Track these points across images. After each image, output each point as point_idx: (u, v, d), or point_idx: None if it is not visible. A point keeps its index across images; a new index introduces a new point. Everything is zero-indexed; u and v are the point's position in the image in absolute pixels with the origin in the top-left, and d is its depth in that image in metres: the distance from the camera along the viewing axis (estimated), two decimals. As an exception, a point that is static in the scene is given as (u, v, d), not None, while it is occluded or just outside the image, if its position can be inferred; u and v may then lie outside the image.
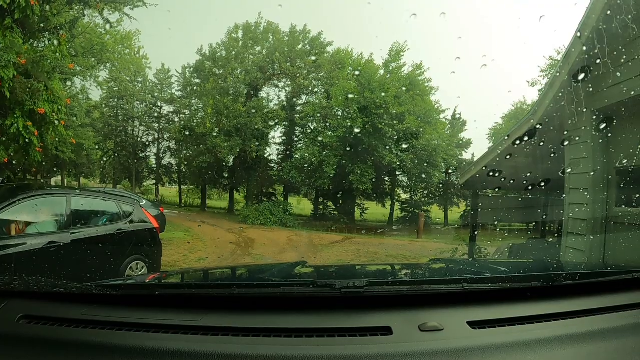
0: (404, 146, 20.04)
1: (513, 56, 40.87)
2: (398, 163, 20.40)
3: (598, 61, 4.42)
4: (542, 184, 5.15)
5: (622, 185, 4.85)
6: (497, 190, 9.39)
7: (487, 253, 9.24)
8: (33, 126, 7.75)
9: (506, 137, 7.72)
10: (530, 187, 5.63)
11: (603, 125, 4.89)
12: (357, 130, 18.89)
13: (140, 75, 26.51)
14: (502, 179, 7.38)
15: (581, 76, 4.76)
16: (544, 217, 8.61)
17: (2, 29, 7.32)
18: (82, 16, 11.19)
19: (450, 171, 21.72)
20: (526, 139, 6.23)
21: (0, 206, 4.65)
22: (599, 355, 1.19)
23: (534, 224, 11.49)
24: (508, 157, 7.12)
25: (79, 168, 25.66)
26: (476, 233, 9.98)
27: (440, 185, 23.10)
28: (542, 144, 6.05)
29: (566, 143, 5.44)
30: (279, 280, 1.84)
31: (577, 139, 5.29)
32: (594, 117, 5.01)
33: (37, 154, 8.09)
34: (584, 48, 4.69)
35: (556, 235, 7.51)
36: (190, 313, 1.32)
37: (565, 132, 5.41)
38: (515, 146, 6.64)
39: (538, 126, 5.83)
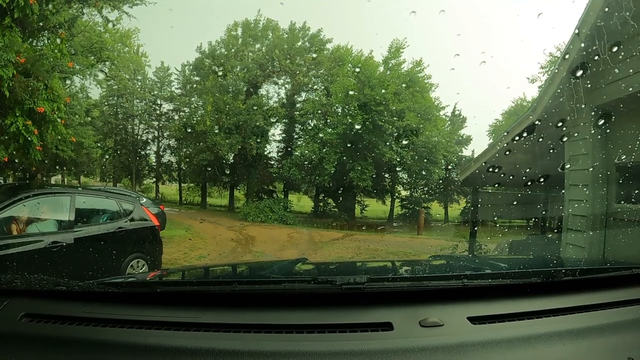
0: (404, 143, 20.02)
1: (512, 53, 40.99)
2: (398, 160, 20.39)
3: (597, 58, 4.42)
4: (542, 180, 5.15)
5: (621, 181, 4.85)
6: (497, 186, 9.38)
7: (487, 249, 9.26)
8: (33, 125, 7.74)
9: (505, 134, 7.71)
10: (529, 183, 5.63)
11: (602, 122, 4.89)
12: (357, 127, 18.87)
13: (140, 73, 26.52)
14: (502, 175, 7.37)
15: (580, 73, 4.76)
16: (544, 213, 8.61)
17: (2, 28, 7.31)
18: (81, 14, 11.19)
19: (450, 168, 21.75)
20: (526, 135, 6.23)
21: (3, 205, 4.62)
22: (599, 350, 1.20)
23: (534, 220, 11.50)
24: (507, 153, 7.12)
25: (79, 166, 25.66)
26: (476, 229, 9.98)
27: (440, 182, 23.11)
28: (541, 140, 6.05)
29: (565, 139, 5.44)
30: (280, 277, 1.84)
31: (577, 135, 5.29)
32: (593, 114, 5.01)
33: (37, 152, 8.07)
34: (583, 45, 4.69)
35: (556, 231, 7.53)
36: (191, 310, 1.32)
37: (565, 129, 5.40)
38: (515, 142, 6.64)
39: (537, 122, 5.83)
